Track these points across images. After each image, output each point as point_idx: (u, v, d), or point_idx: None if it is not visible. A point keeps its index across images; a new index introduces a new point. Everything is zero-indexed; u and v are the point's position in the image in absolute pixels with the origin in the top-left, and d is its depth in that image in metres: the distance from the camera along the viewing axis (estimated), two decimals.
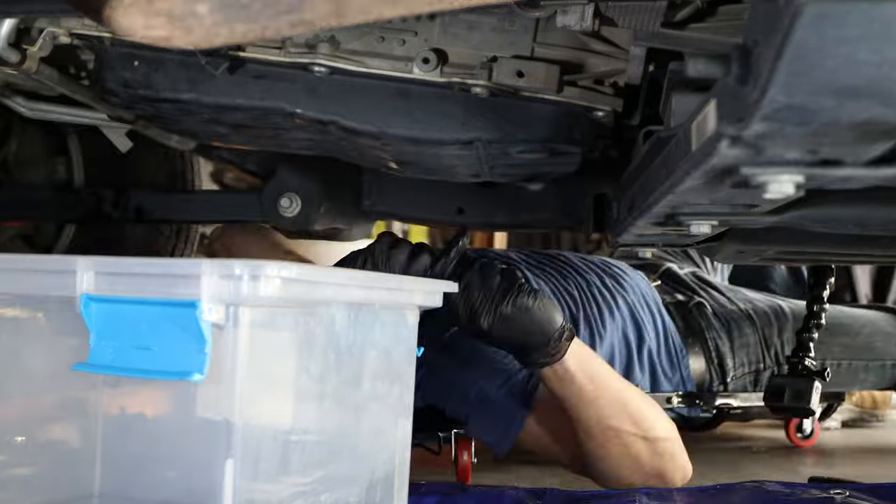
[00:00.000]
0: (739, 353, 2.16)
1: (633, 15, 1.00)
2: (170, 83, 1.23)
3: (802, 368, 2.01)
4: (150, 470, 0.93)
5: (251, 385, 0.90)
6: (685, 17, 1.02)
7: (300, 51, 1.18)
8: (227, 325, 0.88)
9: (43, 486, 0.99)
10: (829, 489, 1.54)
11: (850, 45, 0.53)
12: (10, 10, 1.06)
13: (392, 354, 1.16)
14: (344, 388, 1.05)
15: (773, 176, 0.77)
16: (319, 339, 1.01)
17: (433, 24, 1.16)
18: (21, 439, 1.01)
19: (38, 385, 1.00)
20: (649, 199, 1.05)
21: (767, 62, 0.56)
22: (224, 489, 0.88)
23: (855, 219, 1.03)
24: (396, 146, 1.29)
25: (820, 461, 2.17)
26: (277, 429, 0.96)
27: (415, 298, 1.18)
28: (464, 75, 1.16)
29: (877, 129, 0.64)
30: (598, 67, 1.17)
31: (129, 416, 0.96)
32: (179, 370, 0.86)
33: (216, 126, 1.39)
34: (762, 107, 0.60)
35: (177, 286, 0.87)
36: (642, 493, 1.56)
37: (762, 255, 1.73)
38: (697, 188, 0.89)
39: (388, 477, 1.16)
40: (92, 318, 0.90)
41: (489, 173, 1.43)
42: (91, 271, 0.91)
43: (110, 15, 0.83)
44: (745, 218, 1.08)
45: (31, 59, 1.18)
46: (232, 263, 0.86)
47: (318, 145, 1.46)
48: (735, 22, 1.02)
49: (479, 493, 1.52)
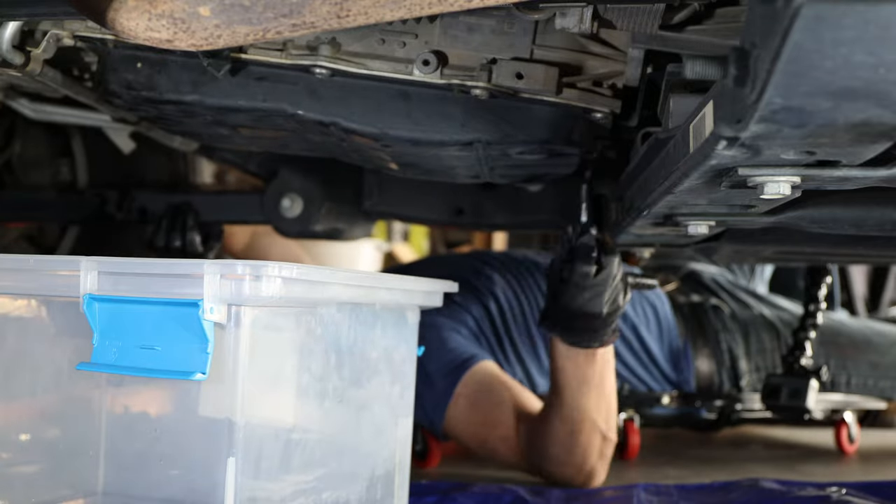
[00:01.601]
0: (755, 357, 2.16)
1: (632, 17, 1.01)
2: (172, 85, 1.24)
3: (798, 367, 2.02)
4: (153, 468, 0.94)
5: (253, 384, 0.91)
6: (683, 20, 1.03)
7: (301, 53, 1.18)
8: (229, 324, 0.89)
9: (47, 483, 0.99)
10: (825, 486, 1.54)
11: (846, 47, 0.53)
12: (15, 13, 1.06)
13: (393, 354, 1.17)
14: (345, 387, 1.06)
15: (770, 177, 0.78)
16: (321, 338, 1.02)
17: (433, 26, 1.17)
18: (26, 437, 1.01)
19: (43, 384, 1.01)
20: (647, 200, 1.06)
21: (765, 64, 0.57)
22: (226, 487, 0.89)
23: (851, 219, 1.03)
24: (397, 147, 1.30)
25: (818, 462, 2.17)
26: (279, 427, 0.97)
27: (415, 298, 1.19)
28: (463, 77, 1.16)
29: (873, 130, 0.64)
30: (597, 69, 1.18)
31: (132, 414, 0.96)
32: (182, 369, 0.87)
33: (218, 127, 1.39)
34: (760, 108, 0.61)
35: (179, 286, 0.88)
36: (640, 488, 1.57)
37: (759, 255, 1.73)
38: (695, 189, 0.90)
39: (388, 475, 1.17)
40: (95, 318, 0.91)
41: (489, 174, 1.44)
42: (94, 271, 0.91)
43: (113, 17, 0.84)
44: (742, 218, 1.09)
45: (35, 62, 1.18)
46: (234, 264, 0.87)
47: (319, 147, 1.46)
48: (732, 24, 1.02)
49: (479, 491, 1.53)
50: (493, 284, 1.96)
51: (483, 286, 1.94)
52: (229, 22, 0.83)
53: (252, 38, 0.86)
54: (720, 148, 0.71)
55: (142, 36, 0.85)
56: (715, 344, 2.15)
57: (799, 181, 0.79)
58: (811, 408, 1.98)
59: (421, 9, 0.82)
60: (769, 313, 2.25)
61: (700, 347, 2.14)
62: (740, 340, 2.17)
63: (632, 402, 2.04)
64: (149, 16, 0.83)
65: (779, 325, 2.21)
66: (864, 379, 2.18)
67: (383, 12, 0.83)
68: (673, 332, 2.14)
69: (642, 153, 1.11)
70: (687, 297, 2.27)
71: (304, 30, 0.85)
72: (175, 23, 0.83)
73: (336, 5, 0.81)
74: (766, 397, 2.02)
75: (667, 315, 2.16)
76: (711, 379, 2.12)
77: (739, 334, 2.18)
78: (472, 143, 1.25)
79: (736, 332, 2.18)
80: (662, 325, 2.14)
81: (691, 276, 2.40)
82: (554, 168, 1.42)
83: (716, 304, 2.23)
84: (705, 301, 2.25)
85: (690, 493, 1.54)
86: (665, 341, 2.12)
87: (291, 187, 1.97)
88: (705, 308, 2.22)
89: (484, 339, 1.87)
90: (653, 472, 1.90)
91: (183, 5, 0.81)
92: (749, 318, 2.22)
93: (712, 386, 2.11)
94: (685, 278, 2.38)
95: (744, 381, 2.13)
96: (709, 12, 1.03)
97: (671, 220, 1.14)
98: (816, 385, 1.98)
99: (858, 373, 2.17)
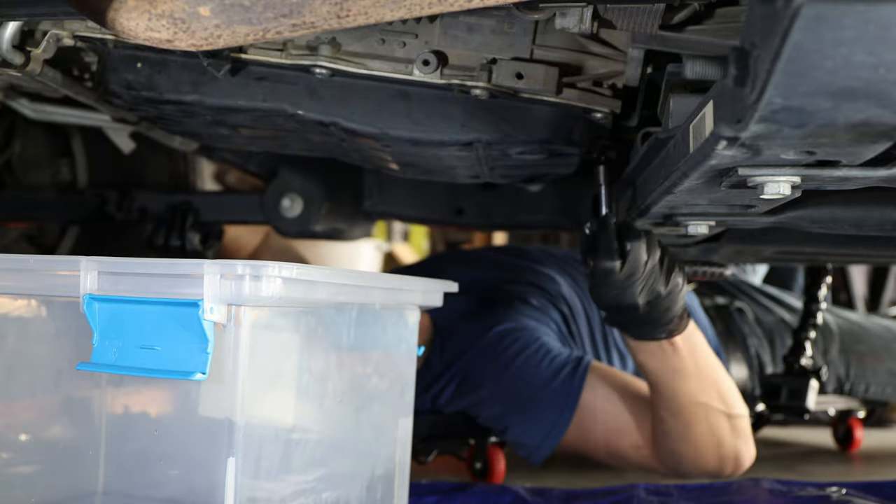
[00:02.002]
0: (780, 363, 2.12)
1: (632, 17, 1.01)
2: (172, 85, 1.24)
3: (798, 367, 2.03)
4: (153, 468, 0.94)
5: (253, 384, 0.91)
6: (683, 20, 1.03)
7: (301, 53, 1.18)
8: (229, 324, 0.89)
9: (47, 483, 0.99)
10: (825, 486, 1.54)
11: (846, 46, 0.53)
12: (15, 13, 1.06)
13: (393, 354, 1.17)
14: (345, 387, 1.06)
15: (770, 177, 0.78)
16: (321, 338, 1.02)
17: (433, 26, 1.17)
18: (26, 437, 1.01)
19: (43, 384, 1.01)
20: (648, 200, 1.06)
21: (765, 64, 0.57)
22: (226, 487, 0.89)
23: (851, 219, 1.03)
24: (397, 147, 1.30)
25: (818, 462, 2.17)
26: (279, 427, 0.97)
27: (415, 298, 1.19)
28: (463, 77, 1.16)
29: (873, 130, 0.64)
30: (597, 69, 1.18)
31: (132, 414, 0.96)
32: (182, 369, 0.87)
33: (218, 127, 1.39)
34: (760, 108, 0.61)
35: (179, 286, 0.88)
36: (641, 487, 1.57)
37: (759, 255, 1.74)
38: (695, 189, 0.90)
39: (388, 475, 1.17)
40: (95, 318, 0.91)
41: (489, 174, 1.44)
42: (94, 271, 0.91)
43: (113, 17, 0.84)
44: (742, 218, 1.09)
45: (34, 62, 1.18)
46: (234, 263, 0.86)
47: (319, 147, 1.46)
48: (732, 24, 1.02)
49: (479, 491, 1.53)
50: (557, 285, 1.89)
51: (550, 288, 1.88)
52: (229, 22, 0.83)
53: (252, 38, 0.86)
54: (720, 148, 0.71)
55: (142, 36, 0.85)
56: (744, 349, 2.11)
57: (799, 181, 0.79)
58: (811, 408, 1.98)
59: (421, 9, 0.82)
60: (789, 317, 2.22)
61: (732, 352, 2.10)
62: (767, 346, 2.14)
63: None
64: (149, 16, 0.83)
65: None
66: (883, 388, 2.18)
67: (383, 12, 0.83)
68: (708, 332, 2.07)
69: (642, 153, 1.11)
70: (711, 298, 2.22)
71: (304, 30, 0.85)
72: (175, 23, 0.83)
73: (336, 5, 0.81)
74: (766, 397, 2.02)
75: (700, 316, 2.09)
76: (745, 385, 2.07)
77: (766, 339, 2.15)
78: (472, 143, 1.25)
79: (762, 338, 2.15)
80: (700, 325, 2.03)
81: None
82: (554, 168, 1.42)
83: (740, 307, 2.20)
84: (730, 304, 2.21)
85: (691, 493, 1.54)
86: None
87: (291, 187, 1.97)
88: (730, 311, 2.18)
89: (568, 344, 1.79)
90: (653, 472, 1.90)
91: (183, 5, 0.81)
92: (773, 323, 2.19)
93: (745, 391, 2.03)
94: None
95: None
96: (709, 12, 1.03)
97: (671, 220, 1.14)
98: (816, 385, 1.98)
99: (877, 381, 2.17)
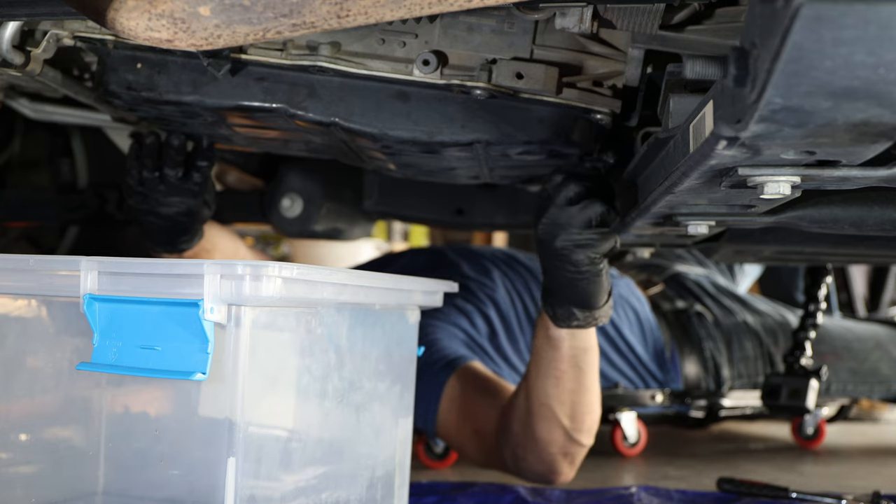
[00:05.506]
0: (738, 365, 2.21)
1: (632, 17, 1.01)
2: (172, 85, 1.23)
3: (799, 367, 2.04)
4: (153, 468, 0.94)
5: (253, 384, 0.91)
6: (683, 20, 1.03)
7: (301, 53, 1.18)
8: (229, 324, 0.89)
9: (47, 483, 0.99)
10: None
11: (846, 46, 0.53)
12: (14, 13, 1.06)
13: (393, 354, 1.17)
14: (345, 387, 1.06)
15: (770, 177, 0.78)
16: (321, 338, 1.02)
17: (433, 26, 1.17)
18: (26, 437, 1.01)
19: (43, 384, 1.01)
20: (647, 200, 1.06)
21: (765, 64, 0.57)
22: (226, 487, 0.89)
23: (851, 219, 1.04)
24: (396, 148, 1.30)
25: (819, 462, 2.17)
26: (279, 427, 0.97)
27: (415, 298, 1.19)
28: (463, 77, 1.16)
29: (873, 129, 0.64)
30: (597, 69, 1.18)
31: (132, 414, 0.96)
32: (182, 369, 0.87)
33: (218, 128, 1.39)
34: (759, 108, 0.61)
35: (180, 286, 0.88)
36: (641, 489, 1.57)
37: (759, 255, 1.74)
38: (695, 189, 0.90)
39: (388, 475, 1.17)
40: (95, 318, 0.91)
41: (489, 175, 1.44)
42: (94, 271, 0.92)
43: (113, 17, 0.84)
44: (742, 218, 1.09)
45: (34, 62, 1.18)
46: (234, 263, 0.87)
47: (319, 147, 1.46)
48: (732, 24, 1.02)
49: (479, 492, 1.53)
50: (495, 289, 1.94)
51: (484, 292, 1.92)
52: (229, 22, 0.83)
53: (252, 38, 0.86)
54: (720, 148, 0.71)
55: (142, 36, 0.85)
56: (699, 352, 2.19)
57: (799, 181, 0.79)
58: (811, 408, 1.99)
59: (421, 9, 0.82)
60: (752, 320, 2.29)
61: (687, 354, 2.18)
62: (723, 349, 2.21)
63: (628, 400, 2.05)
64: (149, 16, 0.83)
65: (762, 333, 2.26)
66: (844, 385, 2.25)
67: (383, 12, 0.83)
68: (656, 332, 2.16)
69: (642, 153, 1.11)
70: (671, 302, 2.30)
71: (304, 30, 0.85)
72: (175, 23, 0.83)
73: (336, 5, 0.81)
74: (766, 397, 2.03)
75: (648, 316, 2.18)
76: (699, 382, 2.17)
77: (722, 342, 2.22)
78: (472, 143, 1.25)
79: (719, 341, 2.22)
80: (644, 325, 2.16)
81: (675, 278, 2.42)
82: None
83: (700, 312, 2.27)
84: (689, 308, 2.28)
85: (690, 499, 1.55)
86: (649, 342, 2.15)
87: (291, 187, 1.97)
88: (689, 315, 2.25)
89: (479, 348, 1.84)
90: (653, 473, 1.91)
91: (183, 5, 0.81)
92: (732, 326, 2.26)
93: (699, 388, 2.16)
94: (669, 281, 2.40)
95: (725, 388, 2.17)
96: (709, 12, 1.03)
97: (671, 220, 1.14)
98: (816, 385, 1.99)
99: (838, 379, 2.24)
